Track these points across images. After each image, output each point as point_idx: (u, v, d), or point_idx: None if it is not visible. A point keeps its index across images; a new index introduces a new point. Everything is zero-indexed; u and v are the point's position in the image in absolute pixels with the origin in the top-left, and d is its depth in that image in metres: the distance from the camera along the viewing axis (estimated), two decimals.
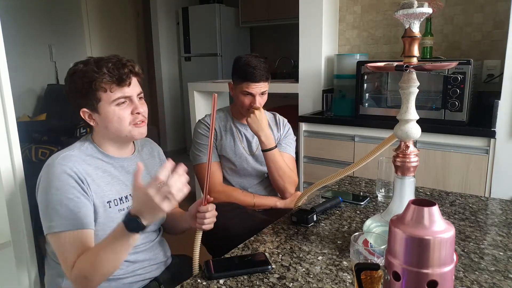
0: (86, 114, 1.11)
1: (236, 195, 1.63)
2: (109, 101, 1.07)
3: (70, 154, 1.08)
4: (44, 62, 4.17)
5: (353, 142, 2.25)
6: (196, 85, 3.23)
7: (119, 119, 1.08)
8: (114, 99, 1.07)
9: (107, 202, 1.09)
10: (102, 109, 1.08)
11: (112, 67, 1.06)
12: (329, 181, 1.17)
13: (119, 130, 1.10)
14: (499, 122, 1.87)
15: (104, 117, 1.09)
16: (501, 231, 1.14)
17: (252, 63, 1.58)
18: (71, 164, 1.04)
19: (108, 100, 1.07)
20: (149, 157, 1.27)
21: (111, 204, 1.10)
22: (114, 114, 1.08)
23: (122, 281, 1.14)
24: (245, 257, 1.01)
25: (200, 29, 4.82)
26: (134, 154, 1.21)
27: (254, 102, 1.59)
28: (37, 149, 3.04)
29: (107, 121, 1.09)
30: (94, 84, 1.05)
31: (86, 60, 1.10)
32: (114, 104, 1.08)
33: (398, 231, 0.60)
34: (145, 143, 1.29)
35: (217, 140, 1.67)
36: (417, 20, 0.91)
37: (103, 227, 1.08)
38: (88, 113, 1.10)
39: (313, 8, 2.54)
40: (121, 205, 1.12)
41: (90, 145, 1.13)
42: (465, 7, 2.30)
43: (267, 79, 1.61)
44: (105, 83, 1.05)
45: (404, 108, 0.96)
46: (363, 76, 2.21)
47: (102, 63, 1.06)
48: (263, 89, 1.60)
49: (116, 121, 1.09)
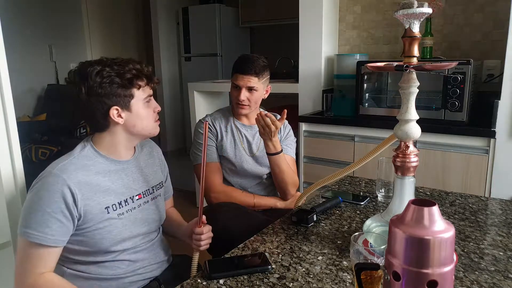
0: (115, 112, 1.10)
1: (236, 195, 1.63)
2: (141, 99, 1.12)
3: (69, 163, 1.06)
4: (44, 62, 4.17)
5: (353, 142, 2.25)
6: (196, 85, 3.22)
7: (148, 116, 1.14)
8: (145, 96, 1.13)
9: (105, 208, 1.08)
10: (134, 106, 1.11)
11: (137, 67, 1.11)
12: (329, 181, 1.17)
13: (147, 127, 1.15)
14: (499, 122, 1.87)
15: (136, 114, 1.12)
16: (501, 231, 1.14)
17: (246, 57, 1.59)
18: (66, 175, 1.03)
19: (140, 97, 1.12)
20: (148, 158, 1.27)
21: (110, 210, 1.09)
22: (144, 111, 1.13)
23: (123, 281, 1.14)
24: (245, 257, 1.01)
25: (200, 29, 4.82)
26: (134, 156, 1.21)
27: (238, 95, 1.58)
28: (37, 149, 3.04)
29: (138, 118, 1.12)
30: (132, 81, 1.09)
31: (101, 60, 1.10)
32: (144, 101, 1.13)
33: (398, 231, 0.60)
34: (144, 143, 1.29)
35: (218, 140, 1.66)
36: (417, 20, 0.91)
37: (101, 232, 1.07)
38: (118, 111, 1.10)
39: (313, 8, 2.54)
40: (120, 209, 1.11)
41: (91, 149, 1.12)
42: (465, 7, 2.30)
43: (257, 75, 1.58)
44: (140, 80, 1.11)
45: (404, 108, 0.96)
46: (363, 76, 2.21)
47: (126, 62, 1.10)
48: (250, 84, 1.57)
49: (146, 118, 1.14)
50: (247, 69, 1.57)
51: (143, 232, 1.17)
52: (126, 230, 1.12)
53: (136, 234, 1.15)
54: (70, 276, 1.10)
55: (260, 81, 1.60)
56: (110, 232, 1.08)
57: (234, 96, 1.62)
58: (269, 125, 1.45)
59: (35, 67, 4.06)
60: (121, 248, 1.12)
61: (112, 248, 1.10)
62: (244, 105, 1.61)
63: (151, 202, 1.21)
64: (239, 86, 1.59)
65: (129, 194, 1.15)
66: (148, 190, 1.21)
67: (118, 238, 1.10)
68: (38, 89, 4.09)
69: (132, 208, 1.14)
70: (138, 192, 1.17)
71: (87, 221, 1.06)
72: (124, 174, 1.15)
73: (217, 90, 3.20)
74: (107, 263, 1.11)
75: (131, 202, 1.15)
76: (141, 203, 1.18)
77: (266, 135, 1.49)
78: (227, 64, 4.70)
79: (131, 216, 1.14)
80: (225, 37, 4.78)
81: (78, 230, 1.06)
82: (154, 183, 1.24)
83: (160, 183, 1.28)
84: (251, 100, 1.61)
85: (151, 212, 1.20)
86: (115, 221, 1.09)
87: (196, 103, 3.20)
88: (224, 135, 1.66)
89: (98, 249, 1.08)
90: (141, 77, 1.11)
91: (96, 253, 1.09)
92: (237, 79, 1.59)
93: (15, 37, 3.76)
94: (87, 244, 1.07)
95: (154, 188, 1.24)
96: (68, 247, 1.07)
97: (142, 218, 1.17)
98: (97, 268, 1.11)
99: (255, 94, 1.61)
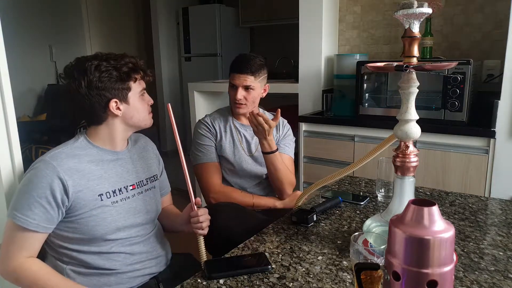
0: (114, 105, 1.14)
1: (236, 196, 1.63)
2: (137, 91, 1.17)
3: (60, 151, 1.10)
4: (44, 62, 4.17)
5: (353, 142, 2.25)
6: (196, 85, 3.23)
7: (143, 108, 1.20)
8: (141, 89, 1.19)
9: (99, 195, 1.10)
10: (131, 98, 1.16)
11: (133, 60, 1.15)
12: (329, 181, 1.17)
13: (143, 119, 1.20)
14: (499, 122, 1.87)
15: (133, 106, 1.17)
16: (501, 231, 1.14)
17: (242, 56, 1.59)
18: (56, 162, 1.06)
19: (137, 90, 1.17)
20: (142, 151, 1.30)
21: (103, 197, 1.11)
22: (140, 103, 1.19)
23: (121, 276, 1.14)
24: (245, 257, 1.01)
25: (200, 29, 4.82)
26: (127, 149, 1.24)
27: (235, 94, 1.59)
28: (37, 149, 3.04)
29: (135, 110, 1.17)
30: (129, 74, 1.13)
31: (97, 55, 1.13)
32: (140, 94, 1.18)
33: (398, 231, 0.61)
34: (138, 138, 1.33)
35: (217, 140, 1.66)
36: (417, 20, 0.91)
37: (95, 218, 1.09)
38: (116, 103, 1.14)
39: (313, 8, 2.54)
40: (114, 197, 1.14)
41: (84, 140, 1.16)
42: (465, 7, 2.30)
43: (253, 74, 1.58)
44: (136, 74, 1.16)
45: (404, 108, 0.96)
46: (363, 76, 2.21)
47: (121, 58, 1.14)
48: (247, 83, 1.58)
49: (141, 110, 1.19)
50: (243, 68, 1.57)
51: (137, 222, 1.18)
52: (120, 218, 1.13)
53: (131, 224, 1.16)
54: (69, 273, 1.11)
55: (257, 80, 1.60)
56: (104, 220, 1.10)
57: (231, 96, 1.63)
58: (261, 124, 1.47)
59: (35, 67, 4.06)
60: (116, 237, 1.13)
61: (107, 237, 1.11)
62: (241, 104, 1.61)
63: (145, 193, 1.23)
64: (235, 86, 1.59)
65: (123, 183, 1.17)
66: (142, 182, 1.23)
67: (113, 227, 1.12)
68: (38, 89, 4.09)
69: (126, 198, 1.16)
70: (132, 182, 1.20)
71: (80, 207, 1.07)
72: (117, 164, 1.18)
73: (217, 90, 3.20)
74: (103, 255, 1.12)
75: (125, 191, 1.17)
76: (135, 193, 1.20)
77: (260, 134, 1.51)
78: (227, 64, 4.66)
79: (125, 205, 1.16)
80: (225, 37, 4.78)
81: (72, 216, 1.08)
82: (148, 175, 1.26)
83: (154, 176, 1.30)
84: (248, 99, 1.61)
85: (145, 203, 1.22)
86: (109, 209, 1.11)
87: (196, 103, 3.20)
88: (223, 135, 1.66)
89: (92, 237, 1.10)
90: (137, 70, 1.16)
91: (91, 241, 1.11)
92: (233, 79, 1.60)
93: (15, 37, 3.76)
94: (82, 231, 1.09)
95: (148, 180, 1.26)
96: (63, 235, 1.10)
97: (136, 208, 1.19)
98: (94, 259, 1.11)
99: (252, 93, 1.61)
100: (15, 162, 1.20)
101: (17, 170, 1.21)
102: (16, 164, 1.20)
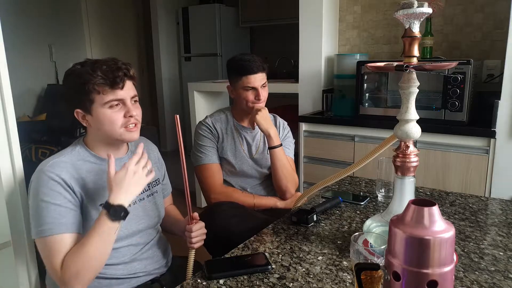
0: (80, 115, 1.12)
1: (237, 196, 1.63)
2: (102, 103, 1.08)
3: (60, 161, 1.08)
4: (44, 62, 4.17)
5: (353, 142, 2.25)
6: (196, 85, 3.22)
7: (110, 121, 1.09)
8: (107, 101, 1.07)
9: (100, 205, 1.09)
10: (94, 110, 1.09)
11: (107, 70, 1.06)
12: (330, 182, 1.17)
13: (110, 132, 1.10)
14: (499, 122, 1.87)
15: (96, 119, 1.09)
16: (501, 231, 1.14)
17: (246, 58, 1.59)
18: (58, 171, 1.05)
19: (100, 102, 1.07)
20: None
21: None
22: (105, 116, 1.08)
23: (123, 282, 1.14)
24: (245, 257, 1.01)
25: (200, 29, 4.82)
26: (128, 154, 1.21)
27: (258, 95, 1.59)
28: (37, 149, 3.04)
29: (99, 123, 1.09)
30: (87, 85, 1.05)
31: (83, 62, 1.11)
32: (106, 107, 1.08)
33: (398, 231, 0.60)
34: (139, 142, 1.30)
35: (218, 142, 1.66)
36: (417, 20, 0.91)
37: None
38: (81, 114, 1.11)
39: (313, 8, 2.54)
40: None
41: (82, 148, 1.14)
42: (465, 7, 2.30)
43: (264, 70, 1.60)
44: (98, 85, 1.06)
45: (404, 108, 0.96)
46: (363, 76, 2.21)
47: (97, 65, 1.07)
48: (262, 81, 1.60)
49: (108, 124, 1.09)
50: (255, 68, 1.57)
51: (140, 229, 1.17)
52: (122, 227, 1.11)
53: (133, 232, 1.15)
54: None
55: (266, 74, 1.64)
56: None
57: (249, 98, 1.60)
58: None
59: (35, 67, 4.05)
60: (118, 246, 1.12)
61: None
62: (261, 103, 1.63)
63: (147, 199, 1.22)
64: (254, 88, 1.59)
65: None
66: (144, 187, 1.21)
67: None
68: (38, 89, 4.08)
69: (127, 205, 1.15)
70: None
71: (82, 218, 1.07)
72: None
73: (217, 90, 3.20)
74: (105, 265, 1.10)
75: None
76: (137, 201, 1.18)
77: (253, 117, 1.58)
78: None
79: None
80: (225, 37, 4.78)
81: None
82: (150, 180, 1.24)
83: (156, 180, 1.28)
84: (265, 96, 1.63)
85: (148, 209, 1.21)
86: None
87: (196, 103, 3.20)
88: (225, 137, 1.66)
89: None
90: (103, 83, 1.06)
91: None
92: (249, 81, 1.57)
93: (15, 37, 3.76)
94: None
95: (150, 185, 1.24)
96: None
97: (139, 215, 1.17)
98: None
99: (266, 89, 1.64)
100: (15, 162, 1.20)
101: (17, 170, 1.20)
102: (16, 164, 1.20)
